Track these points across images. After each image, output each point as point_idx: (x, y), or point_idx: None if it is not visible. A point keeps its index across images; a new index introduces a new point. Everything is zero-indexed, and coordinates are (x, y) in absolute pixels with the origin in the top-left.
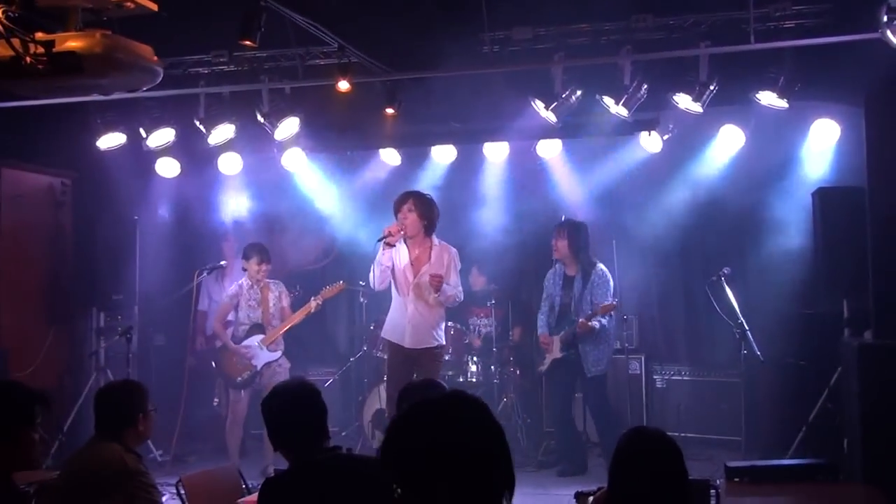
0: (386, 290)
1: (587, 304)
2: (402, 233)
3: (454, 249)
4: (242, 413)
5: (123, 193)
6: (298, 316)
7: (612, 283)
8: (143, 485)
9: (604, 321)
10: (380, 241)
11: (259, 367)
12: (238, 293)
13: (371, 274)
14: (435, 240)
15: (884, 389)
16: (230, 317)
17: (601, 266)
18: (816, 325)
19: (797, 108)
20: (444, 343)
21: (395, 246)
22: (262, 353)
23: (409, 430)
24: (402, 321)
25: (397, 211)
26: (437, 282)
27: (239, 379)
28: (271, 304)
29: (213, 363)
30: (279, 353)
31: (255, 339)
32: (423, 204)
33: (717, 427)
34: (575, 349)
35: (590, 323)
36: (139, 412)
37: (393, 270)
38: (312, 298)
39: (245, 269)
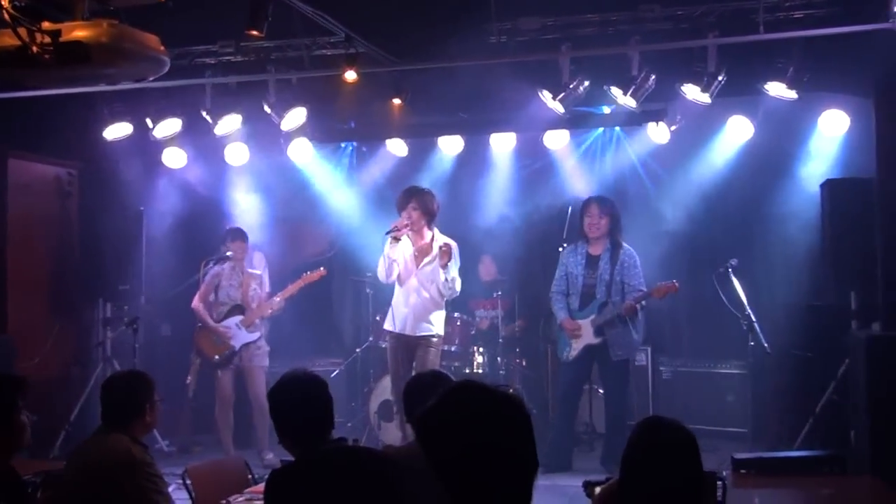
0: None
1: (618, 287)
2: (408, 227)
3: (454, 243)
4: (226, 394)
5: (130, 184)
6: (279, 298)
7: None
8: (150, 475)
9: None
10: (388, 234)
11: (237, 348)
12: (220, 273)
13: (379, 267)
14: (436, 232)
15: (891, 381)
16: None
17: (627, 245)
18: (824, 317)
19: (806, 99)
20: (442, 335)
21: (400, 239)
22: (241, 333)
23: (449, 430)
24: (404, 310)
25: (401, 208)
26: (447, 253)
27: (216, 357)
28: (251, 288)
29: (194, 342)
30: (258, 335)
31: (235, 320)
32: (425, 201)
33: (724, 419)
34: (603, 334)
35: (637, 305)
36: (146, 402)
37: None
38: (291, 283)
39: (228, 252)
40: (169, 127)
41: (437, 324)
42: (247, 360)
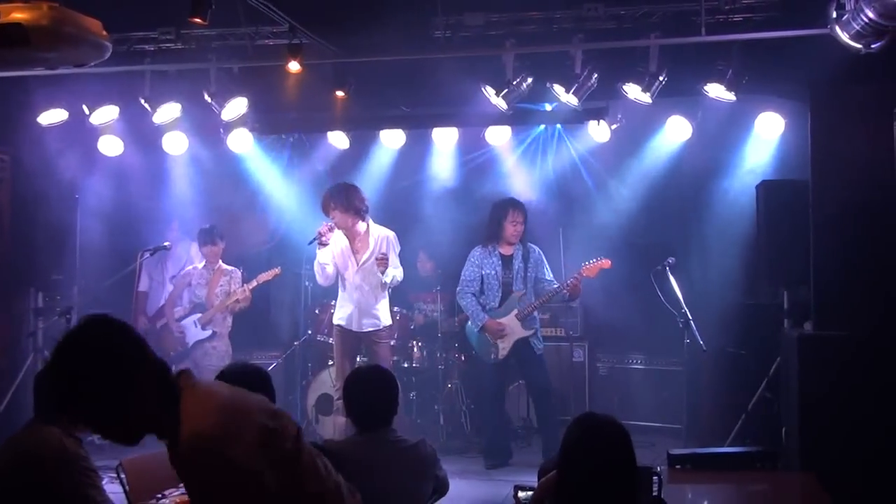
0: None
1: (531, 282)
2: (331, 230)
3: (392, 233)
4: None
5: (64, 171)
6: (231, 299)
7: None
8: (84, 469)
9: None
10: (311, 243)
11: (190, 345)
12: (191, 273)
13: (315, 272)
14: (372, 225)
15: (822, 379)
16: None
17: (531, 244)
18: (757, 316)
19: (743, 102)
20: (390, 325)
21: (328, 244)
22: (194, 331)
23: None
24: (349, 306)
25: (325, 212)
26: (384, 263)
27: (171, 354)
28: (218, 287)
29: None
30: (209, 333)
31: (193, 318)
32: (342, 199)
33: (659, 415)
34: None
35: (579, 285)
36: None
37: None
38: (245, 284)
39: (204, 254)
40: (106, 114)
41: (383, 316)
42: (200, 356)
